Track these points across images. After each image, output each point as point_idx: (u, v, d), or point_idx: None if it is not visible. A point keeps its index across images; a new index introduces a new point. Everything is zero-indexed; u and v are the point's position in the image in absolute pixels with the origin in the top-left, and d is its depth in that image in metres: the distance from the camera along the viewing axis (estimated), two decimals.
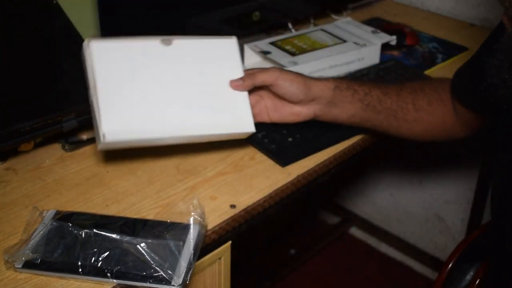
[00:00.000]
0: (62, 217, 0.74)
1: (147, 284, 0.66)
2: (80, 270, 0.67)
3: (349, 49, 1.17)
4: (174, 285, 0.66)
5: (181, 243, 0.70)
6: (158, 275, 0.66)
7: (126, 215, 0.78)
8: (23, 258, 0.69)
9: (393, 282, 1.84)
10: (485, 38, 0.87)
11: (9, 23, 0.91)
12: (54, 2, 0.96)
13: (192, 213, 0.74)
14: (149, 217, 0.78)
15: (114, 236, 0.70)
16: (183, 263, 0.68)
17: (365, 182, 1.93)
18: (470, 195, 1.63)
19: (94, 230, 0.71)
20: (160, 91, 0.79)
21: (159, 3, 1.08)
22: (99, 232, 0.71)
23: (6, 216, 0.78)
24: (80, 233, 0.71)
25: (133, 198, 0.82)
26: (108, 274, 0.67)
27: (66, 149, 0.92)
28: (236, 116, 0.82)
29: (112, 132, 0.74)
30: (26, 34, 0.91)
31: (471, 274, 0.95)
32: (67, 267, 0.68)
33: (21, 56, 0.90)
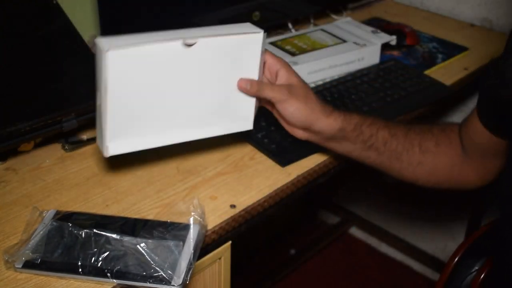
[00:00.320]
0: (62, 217, 0.74)
1: (147, 284, 0.66)
2: (80, 270, 0.67)
3: (349, 49, 1.17)
4: (174, 285, 0.66)
5: (181, 243, 0.70)
6: (158, 275, 0.66)
7: (126, 215, 0.78)
8: (23, 258, 0.69)
9: (393, 282, 1.84)
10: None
11: (9, 23, 0.91)
12: (54, 2, 0.96)
13: (192, 213, 0.74)
14: (149, 217, 0.78)
15: (114, 236, 0.70)
16: (183, 263, 0.68)
17: (365, 182, 1.93)
18: (470, 195, 1.63)
19: (94, 230, 0.71)
20: (171, 95, 0.75)
21: (159, 3, 1.08)
22: (99, 232, 0.71)
23: (6, 216, 0.78)
24: (80, 233, 0.71)
25: (133, 198, 0.82)
26: (108, 274, 0.67)
27: (66, 149, 0.92)
28: (239, 114, 0.81)
29: (115, 146, 0.74)
30: (26, 34, 0.91)
31: (473, 274, 0.95)
32: (67, 267, 0.68)
33: (21, 56, 0.90)
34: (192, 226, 0.72)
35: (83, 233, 0.71)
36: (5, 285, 0.67)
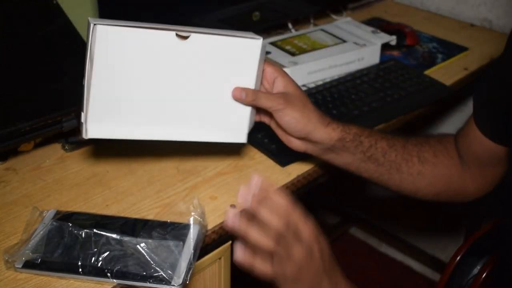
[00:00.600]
0: (62, 217, 0.74)
1: (147, 284, 0.66)
2: (80, 270, 0.67)
3: (349, 49, 1.17)
4: (174, 285, 0.66)
5: (181, 243, 0.70)
6: (158, 275, 0.66)
7: (126, 215, 0.78)
8: (23, 258, 0.69)
9: (393, 282, 1.84)
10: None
11: (9, 23, 0.91)
12: (54, 2, 0.96)
13: (192, 213, 0.74)
14: (149, 217, 0.78)
15: (114, 236, 0.70)
16: (183, 263, 0.68)
17: (365, 182, 1.92)
18: None
19: (94, 230, 0.71)
20: (160, 88, 0.73)
21: (159, 3, 1.08)
22: (99, 232, 0.71)
23: (6, 216, 0.78)
24: (80, 233, 0.71)
25: (133, 198, 0.82)
26: (108, 274, 0.67)
27: (66, 149, 0.92)
28: (231, 124, 0.78)
29: (96, 129, 0.72)
30: (26, 34, 0.91)
31: (474, 274, 0.95)
32: (67, 267, 0.68)
33: (21, 56, 0.90)
34: (192, 226, 0.72)
35: (83, 233, 0.71)
36: (5, 285, 0.67)
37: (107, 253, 0.69)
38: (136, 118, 0.74)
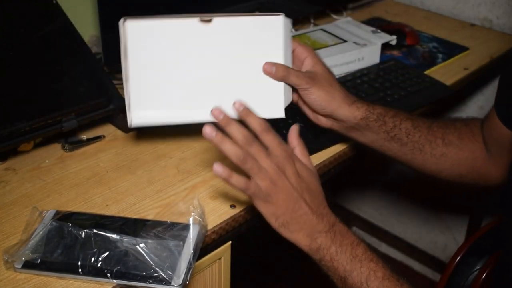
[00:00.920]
0: (62, 217, 0.74)
1: (147, 284, 0.66)
2: (80, 270, 0.67)
3: (349, 49, 1.17)
4: (174, 285, 0.66)
5: (181, 243, 0.70)
6: (158, 275, 0.66)
7: (126, 215, 0.78)
8: (23, 258, 0.68)
9: None
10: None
11: (9, 23, 0.91)
12: (54, 2, 0.96)
13: (192, 213, 0.74)
14: (149, 217, 0.78)
15: (114, 236, 0.70)
16: (183, 263, 0.68)
17: (365, 182, 1.93)
18: (470, 195, 1.63)
19: (94, 230, 0.71)
20: (193, 73, 0.78)
21: (159, 3, 1.08)
22: (99, 232, 0.70)
23: (6, 216, 0.78)
24: (80, 233, 0.71)
25: (133, 198, 0.82)
26: (108, 274, 0.67)
27: (66, 149, 0.92)
28: (267, 100, 0.80)
29: (139, 117, 0.78)
30: (26, 34, 0.91)
31: (474, 273, 0.95)
32: (67, 267, 0.68)
33: (21, 56, 0.90)
34: (192, 226, 0.72)
35: (83, 233, 0.71)
36: (4, 285, 0.67)
37: (107, 253, 0.69)
38: (174, 103, 0.79)
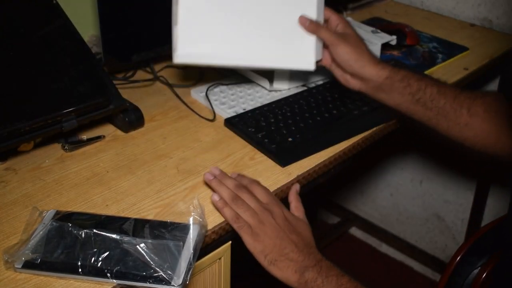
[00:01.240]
0: (62, 217, 0.74)
1: (147, 284, 0.66)
2: (80, 270, 0.67)
3: None
4: (174, 285, 0.66)
5: (181, 243, 0.70)
6: (158, 275, 0.66)
7: (126, 215, 0.78)
8: (23, 258, 0.68)
9: (393, 282, 1.84)
10: None
11: (9, 23, 0.91)
12: (54, 2, 0.96)
13: (192, 213, 0.74)
14: (149, 217, 0.78)
15: (114, 236, 0.70)
16: (183, 263, 0.68)
17: (365, 182, 1.93)
18: (470, 195, 1.63)
19: (94, 230, 0.71)
20: (236, 18, 0.89)
21: (159, 3, 1.08)
22: (99, 232, 0.70)
23: (6, 216, 0.78)
24: (80, 233, 0.71)
25: (133, 198, 0.82)
26: (108, 274, 0.67)
27: (66, 149, 0.92)
28: (300, 51, 0.91)
29: (184, 54, 0.88)
30: (26, 34, 0.91)
31: (475, 273, 0.95)
32: (67, 267, 0.68)
33: (21, 56, 0.90)
34: (192, 226, 0.72)
35: (83, 233, 0.70)
36: (4, 285, 0.67)
37: (107, 253, 0.69)
38: (217, 44, 0.89)
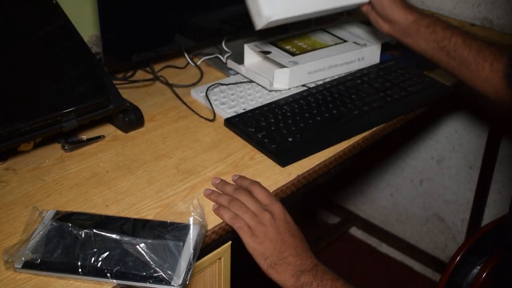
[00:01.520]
0: (62, 217, 0.74)
1: (147, 284, 0.66)
2: (80, 270, 0.67)
3: (349, 49, 1.17)
4: (174, 285, 0.66)
5: (181, 243, 0.70)
6: (158, 275, 0.66)
7: (126, 215, 0.78)
8: (23, 258, 0.68)
9: (393, 282, 1.84)
10: None
11: (9, 23, 0.91)
12: (54, 2, 0.96)
13: (192, 213, 0.74)
14: (149, 217, 0.78)
15: (114, 236, 0.70)
16: (183, 263, 0.68)
17: (365, 182, 1.93)
18: (470, 195, 1.63)
19: (94, 230, 0.71)
20: None
21: (159, 3, 1.08)
22: (99, 232, 0.70)
23: (6, 216, 0.78)
24: (80, 233, 0.71)
25: (133, 198, 0.82)
26: (108, 274, 0.67)
27: (66, 149, 0.92)
28: None
29: (270, 14, 0.95)
30: (26, 34, 0.91)
31: (474, 273, 0.95)
32: (67, 267, 0.68)
33: (21, 56, 0.90)
34: (192, 226, 0.72)
35: (83, 233, 0.70)
36: (4, 285, 0.67)
37: (107, 253, 0.69)
38: None
